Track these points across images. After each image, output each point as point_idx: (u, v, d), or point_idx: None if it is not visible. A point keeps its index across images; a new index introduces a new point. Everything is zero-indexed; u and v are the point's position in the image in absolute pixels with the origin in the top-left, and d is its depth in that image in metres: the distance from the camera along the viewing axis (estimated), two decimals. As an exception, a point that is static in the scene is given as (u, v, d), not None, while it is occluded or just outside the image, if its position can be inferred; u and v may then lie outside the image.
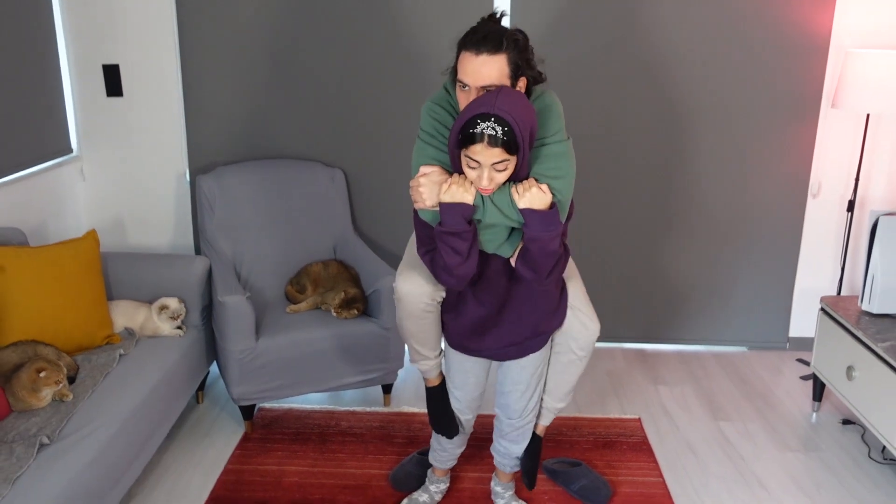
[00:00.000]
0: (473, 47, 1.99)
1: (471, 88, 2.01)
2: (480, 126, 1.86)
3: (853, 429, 3.20)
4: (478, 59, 1.98)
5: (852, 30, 3.49)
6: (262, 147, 3.65)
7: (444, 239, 2.00)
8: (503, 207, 1.99)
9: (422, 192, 2.02)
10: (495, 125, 1.86)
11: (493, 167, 1.91)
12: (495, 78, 1.99)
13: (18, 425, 2.29)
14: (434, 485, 2.64)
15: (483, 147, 1.88)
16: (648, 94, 3.58)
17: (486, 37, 1.99)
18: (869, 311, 3.01)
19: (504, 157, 1.90)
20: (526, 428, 2.43)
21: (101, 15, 3.49)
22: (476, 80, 1.99)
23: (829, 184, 3.70)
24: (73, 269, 2.77)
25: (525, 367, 2.32)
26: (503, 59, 1.99)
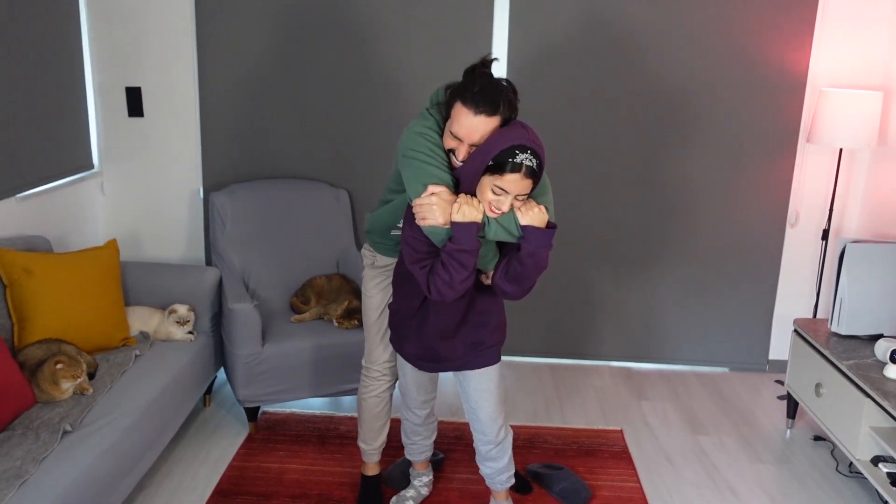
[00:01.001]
0: (472, 105, 2.11)
1: (462, 144, 2.16)
2: (520, 157, 2.01)
3: (824, 445, 3.37)
4: (475, 118, 2.11)
5: (827, 70, 3.73)
6: (272, 167, 3.88)
7: (456, 255, 2.09)
8: (506, 224, 2.14)
9: (434, 210, 2.10)
10: (532, 157, 2.02)
11: (517, 197, 2.07)
12: (486, 135, 2.14)
13: (43, 414, 2.48)
14: (417, 479, 2.81)
15: (519, 177, 2.03)
16: (635, 127, 3.81)
17: (485, 96, 2.11)
18: (837, 333, 3.20)
19: (529, 190, 2.08)
20: (504, 444, 2.52)
21: (126, 41, 3.74)
22: (470, 137, 2.14)
23: (807, 214, 3.91)
24: (95, 275, 2.98)
25: (487, 375, 2.43)
26: (497, 119, 2.14)
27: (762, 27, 3.68)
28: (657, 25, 3.69)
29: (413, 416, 2.66)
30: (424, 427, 2.70)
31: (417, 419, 2.66)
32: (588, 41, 3.71)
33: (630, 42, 3.71)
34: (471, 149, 2.16)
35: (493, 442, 2.50)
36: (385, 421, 2.77)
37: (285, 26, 3.72)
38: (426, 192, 2.13)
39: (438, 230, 2.13)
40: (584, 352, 4.11)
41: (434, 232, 2.14)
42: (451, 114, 2.17)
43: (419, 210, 2.13)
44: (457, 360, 2.41)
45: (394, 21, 3.71)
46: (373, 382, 2.71)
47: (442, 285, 2.14)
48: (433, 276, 2.16)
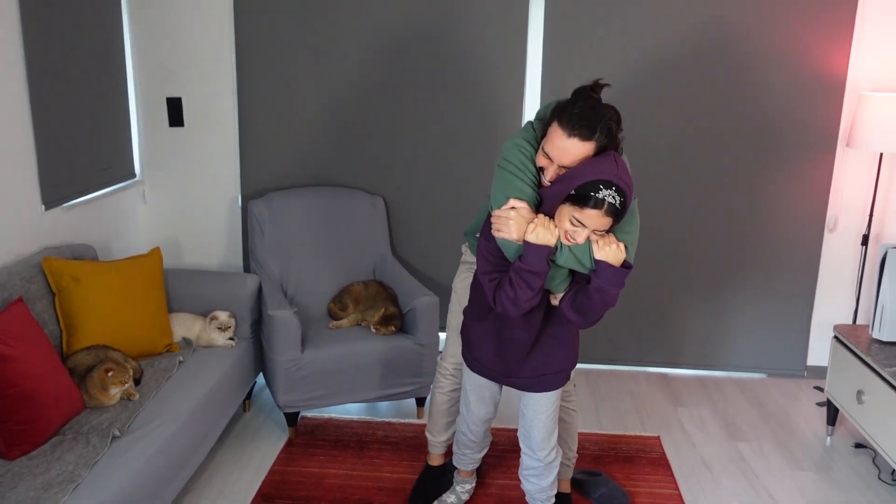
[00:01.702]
0: (568, 126, 2.05)
1: (552, 163, 2.11)
2: (603, 193, 1.96)
3: (865, 452, 3.34)
4: (568, 140, 2.05)
5: (866, 73, 3.69)
6: (309, 175, 3.93)
7: (524, 275, 2.08)
8: (579, 255, 2.11)
9: (510, 225, 2.10)
10: (616, 195, 1.98)
11: (595, 232, 2.04)
12: (577, 160, 2.07)
13: (92, 419, 2.55)
14: (460, 485, 2.83)
15: (599, 214, 1.98)
16: (671, 131, 3.80)
17: (582, 119, 2.05)
18: (879, 339, 3.17)
19: (610, 226, 2.04)
20: (552, 464, 2.53)
21: (167, 53, 3.82)
22: (561, 159, 2.09)
23: (845, 219, 3.87)
24: (139, 282, 3.05)
25: (548, 398, 2.44)
26: (591, 145, 2.06)
27: (800, 31, 3.65)
28: (695, 30, 3.68)
29: (469, 432, 2.65)
30: (477, 444, 2.70)
31: (473, 436, 2.65)
32: (628, 43, 3.71)
33: (667, 47, 3.71)
34: (560, 170, 2.11)
35: (543, 461, 2.50)
36: (452, 419, 2.84)
37: (322, 37, 3.77)
38: (506, 205, 2.13)
39: (511, 245, 2.12)
40: (619, 357, 4.10)
41: (506, 246, 2.14)
42: (548, 131, 2.13)
43: (496, 221, 2.13)
44: (523, 379, 2.40)
45: (429, 30, 3.74)
46: (444, 379, 2.80)
47: (506, 300, 2.14)
48: (500, 291, 2.16)
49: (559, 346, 2.37)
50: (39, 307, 2.78)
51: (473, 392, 2.55)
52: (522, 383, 2.42)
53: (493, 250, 2.19)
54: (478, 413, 2.58)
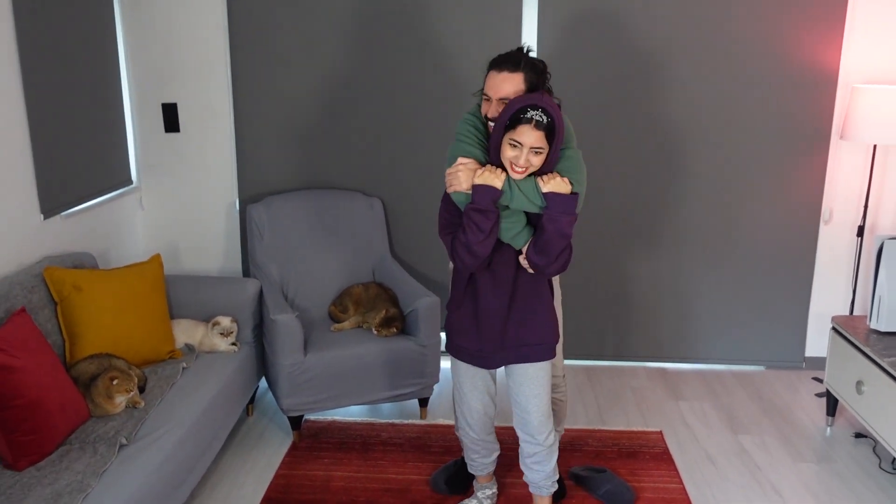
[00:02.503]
0: (496, 66, 2.38)
1: (492, 101, 2.38)
2: (530, 113, 2.19)
3: (865, 442, 3.37)
4: (499, 75, 2.36)
5: (858, 66, 3.72)
6: (306, 178, 3.94)
7: (472, 216, 2.26)
8: (528, 193, 2.28)
9: (459, 177, 2.31)
10: (542, 114, 2.20)
11: (531, 149, 2.21)
12: (511, 92, 2.33)
13: (98, 428, 2.55)
14: (480, 491, 2.83)
15: (529, 129, 2.19)
16: (666, 125, 3.82)
17: (508, 58, 2.37)
18: (877, 330, 3.20)
19: (542, 144, 2.21)
20: (552, 448, 2.57)
21: (161, 58, 3.81)
22: (496, 93, 2.36)
23: (840, 211, 3.90)
24: (141, 289, 3.05)
25: (539, 378, 2.50)
26: (520, 77, 2.34)
27: (792, 24, 3.67)
28: (689, 24, 3.70)
29: (471, 431, 2.65)
30: (481, 446, 2.70)
31: (475, 434, 2.65)
32: (618, 36, 3.73)
33: (661, 41, 3.72)
34: (499, 105, 2.34)
35: (543, 445, 2.53)
36: None
37: (317, 40, 3.77)
38: (456, 163, 2.34)
39: (462, 196, 2.32)
40: (620, 353, 4.12)
41: (458, 199, 2.34)
42: (485, 79, 2.41)
43: (448, 179, 2.34)
44: (506, 352, 2.47)
45: (426, 32, 3.75)
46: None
47: (461, 248, 2.31)
48: (455, 242, 2.33)
49: (534, 315, 2.46)
50: (42, 317, 2.78)
51: (466, 382, 2.58)
52: (507, 356, 2.48)
53: (449, 208, 2.39)
54: (473, 404, 2.59)
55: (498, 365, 2.51)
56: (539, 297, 2.46)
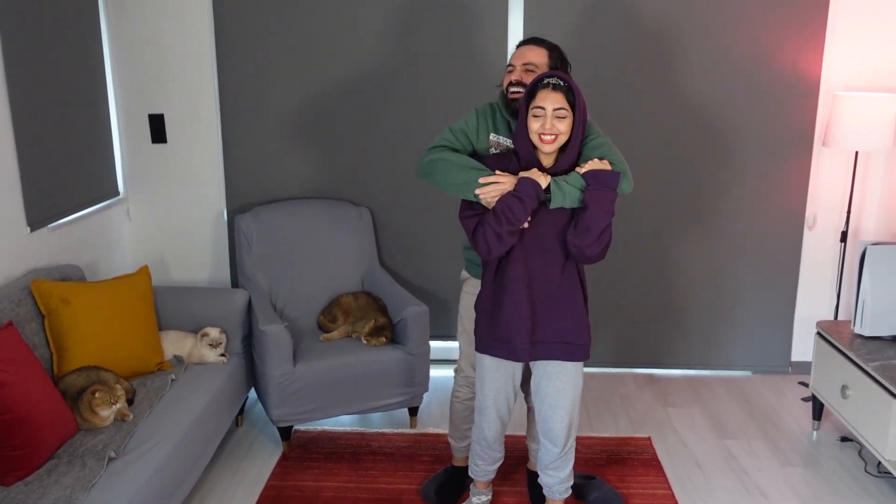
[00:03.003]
0: (523, 42, 2.59)
1: (515, 68, 2.53)
2: (547, 79, 2.30)
3: (851, 445, 3.40)
4: (525, 46, 2.56)
5: (839, 74, 3.77)
6: (295, 188, 3.94)
7: (511, 204, 2.29)
8: (576, 183, 2.34)
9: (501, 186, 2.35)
10: (558, 80, 2.29)
11: (556, 113, 2.27)
12: (536, 60, 2.51)
13: (87, 441, 2.54)
14: (476, 496, 2.84)
15: (548, 91, 2.27)
16: (651, 133, 3.86)
17: (533, 37, 2.61)
18: (861, 334, 3.23)
19: (563, 104, 2.27)
20: (569, 454, 2.59)
21: (148, 69, 3.81)
22: (521, 59, 2.53)
23: (824, 216, 3.95)
24: (129, 301, 3.04)
25: (566, 385, 2.50)
26: (545, 51, 2.54)
27: (774, 33, 3.72)
28: (671, 33, 3.74)
29: (481, 436, 2.64)
30: (489, 453, 2.68)
31: (485, 441, 2.64)
32: (602, 46, 3.77)
33: (644, 50, 3.76)
34: (522, 69, 2.51)
35: (561, 448, 2.55)
36: (471, 425, 2.90)
37: (304, 49, 3.78)
38: (488, 179, 2.37)
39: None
40: (608, 359, 4.15)
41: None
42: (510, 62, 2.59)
43: (486, 193, 2.36)
44: (538, 344, 2.45)
45: (411, 41, 3.77)
46: (460, 389, 2.93)
47: (490, 233, 2.33)
48: (483, 227, 2.35)
49: (566, 312, 2.45)
50: (29, 330, 2.77)
51: (491, 388, 2.55)
52: (535, 351, 2.46)
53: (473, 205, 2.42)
54: (493, 412, 2.57)
55: (527, 358, 2.47)
56: (573, 292, 2.45)
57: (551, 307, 2.44)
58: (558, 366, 2.50)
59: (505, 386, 2.58)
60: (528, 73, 2.52)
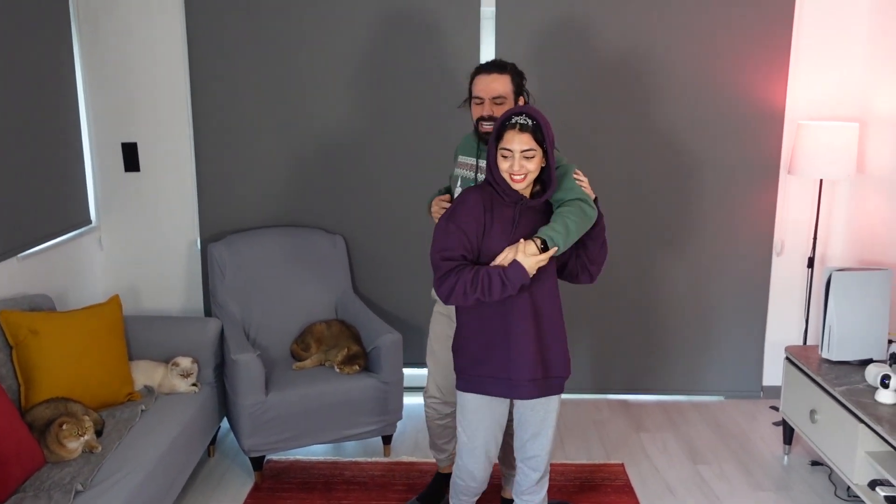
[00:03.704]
0: (485, 70, 2.59)
1: (484, 101, 2.55)
2: (514, 118, 2.27)
3: (821, 469, 3.44)
4: (489, 76, 2.56)
5: (804, 103, 3.86)
6: (268, 216, 3.95)
7: (494, 281, 2.23)
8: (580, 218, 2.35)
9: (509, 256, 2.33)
10: (525, 118, 2.27)
11: (523, 154, 2.26)
12: (502, 90, 2.54)
13: (53, 475, 2.50)
14: None
15: (514, 133, 2.26)
16: (620, 163, 3.91)
17: (494, 63, 2.60)
18: (828, 359, 3.28)
19: (531, 146, 2.26)
20: (545, 479, 2.58)
21: (121, 97, 3.82)
22: (488, 92, 2.55)
23: (791, 243, 4.02)
24: (99, 331, 3.02)
25: (549, 414, 2.47)
26: (507, 77, 2.56)
27: (739, 64, 3.81)
28: (640, 64, 3.81)
29: (472, 481, 2.55)
30: (475, 488, 2.61)
31: (475, 481, 2.55)
32: (571, 75, 3.83)
33: (614, 83, 3.83)
34: (493, 104, 2.54)
35: (540, 473, 2.53)
36: (450, 436, 2.97)
37: (278, 77, 3.81)
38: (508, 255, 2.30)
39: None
40: (582, 386, 4.16)
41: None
42: (472, 87, 2.61)
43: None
44: (538, 380, 2.40)
45: (384, 67, 3.81)
46: (431, 410, 2.98)
47: (459, 289, 2.26)
48: (456, 277, 2.26)
49: (558, 343, 2.43)
50: (-4, 361, 2.74)
51: (480, 428, 2.46)
52: (536, 387, 2.40)
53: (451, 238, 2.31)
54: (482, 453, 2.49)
55: (529, 395, 2.40)
56: (560, 323, 2.45)
57: (547, 340, 2.41)
58: (550, 399, 2.49)
59: (495, 425, 2.49)
60: (497, 106, 2.55)
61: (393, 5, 3.76)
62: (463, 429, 2.49)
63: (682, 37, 3.79)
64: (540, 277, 2.36)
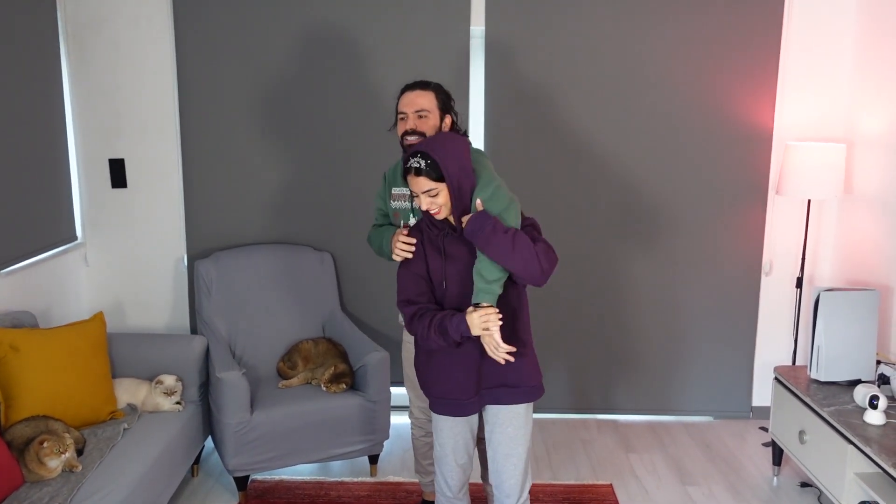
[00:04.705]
0: (409, 87, 2.64)
1: (407, 116, 2.59)
2: (410, 161, 2.29)
3: (811, 491, 3.41)
4: (413, 92, 2.62)
5: (791, 124, 3.88)
6: (255, 233, 3.92)
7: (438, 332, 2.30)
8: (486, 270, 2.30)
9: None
10: (420, 159, 2.27)
11: (427, 194, 2.28)
12: (426, 105, 2.58)
13: (32, 494, 2.46)
14: None
15: (411, 178, 2.29)
16: (611, 188, 3.92)
17: (418, 81, 2.66)
18: (817, 379, 3.27)
19: (430, 186, 2.27)
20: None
21: (109, 113, 3.80)
22: (412, 106, 2.59)
23: (780, 263, 4.02)
24: (82, 349, 2.98)
25: (518, 431, 2.45)
26: (431, 94, 2.61)
27: (727, 85, 3.83)
28: (628, 86, 3.83)
29: (448, 490, 2.56)
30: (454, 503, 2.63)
31: (450, 491, 2.57)
32: (559, 96, 3.84)
33: (602, 102, 3.84)
34: (416, 117, 2.59)
35: (516, 500, 2.48)
36: (432, 460, 2.96)
37: (266, 96, 3.81)
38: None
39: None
40: (570, 405, 4.14)
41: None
42: (397, 107, 2.66)
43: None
44: (483, 392, 2.41)
45: (372, 87, 3.81)
46: (416, 429, 3.02)
47: (421, 332, 2.35)
48: (419, 322, 2.35)
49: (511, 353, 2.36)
50: (-24, 379, 2.69)
51: (448, 442, 2.50)
52: (481, 398, 2.42)
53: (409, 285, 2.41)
54: (453, 464, 2.52)
55: (475, 410, 2.44)
56: (515, 332, 2.41)
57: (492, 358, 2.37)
58: (509, 411, 2.45)
59: (462, 433, 2.52)
60: (420, 119, 2.61)
61: (383, 26, 3.77)
62: (436, 438, 2.56)
63: (671, 57, 3.81)
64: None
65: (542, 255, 2.30)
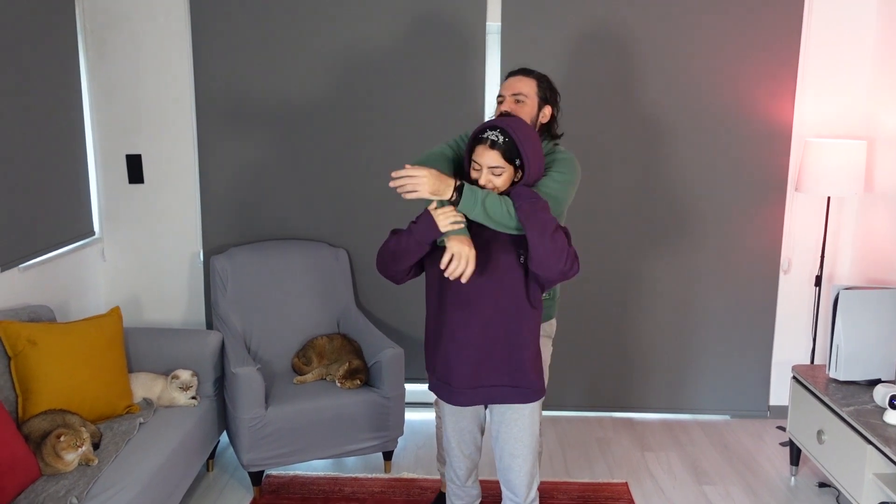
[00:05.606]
0: (512, 73, 2.61)
1: (505, 99, 2.55)
2: (487, 133, 2.23)
3: (829, 491, 3.38)
4: (514, 77, 2.58)
5: (811, 121, 3.84)
6: (271, 229, 3.93)
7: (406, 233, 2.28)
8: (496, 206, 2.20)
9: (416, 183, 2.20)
10: (499, 133, 2.22)
11: (491, 171, 2.23)
12: (525, 90, 2.54)
13: (48, 487, 2.47)
14: None
15: (484, 148, 2.22)
16: (630, 184, 3.89)
17: (522, 68, 2.63)
18: (836, 379, 3.23)
19: (499, 163, 2.22)
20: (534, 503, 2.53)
21: (126, 110, 3.82)
22: (510, 90, 2.55)
23: (798, 261, 3.98)
24: (99, 343, 3.00)
25: (523, 432, 2.42)
26: (533, 81, 2.56)
27: (747, 81, 3.79)
28: (647, 82, 3.80)
29: (453, 474, 2.57)
30: (464, 492, 2.61)
31: (458, 479, 2.57)
32: (577, 91, 3.82)
33: (620, 98, 3.82)
34: (513, 100, 2.53)
35: (523, 500, 2.47)
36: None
37: (283, 91, 3.81)
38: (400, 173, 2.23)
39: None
40: (585, 403, 4.12)
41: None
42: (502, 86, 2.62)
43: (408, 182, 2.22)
44: (479, 388, 2.36)
45: (390, 84, 3.80)
46: (437, 417, 3.01)
47: (385, 250, 2.33)
48: (393, 236, 2.34)
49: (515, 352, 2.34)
50: (-6, 372, 2.72)
51: (449, 425, 2.50)
52: (477, 395, 2.37)
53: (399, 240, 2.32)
54: (455, 450, 2.52)
55: (467, 403, 2.38)
56: (521, 331, 2.33)
57: (497, 348, 2.33)
58: (514, 411, 2.41)
59: (468, 426, 2.50)
60: (517, 105, 2.55)
61: (399, 22, 3.76)
62: (443, 427, 2.55)
63: (691, 55, 3.77)
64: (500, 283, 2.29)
65: (571, 258, 2.21)
